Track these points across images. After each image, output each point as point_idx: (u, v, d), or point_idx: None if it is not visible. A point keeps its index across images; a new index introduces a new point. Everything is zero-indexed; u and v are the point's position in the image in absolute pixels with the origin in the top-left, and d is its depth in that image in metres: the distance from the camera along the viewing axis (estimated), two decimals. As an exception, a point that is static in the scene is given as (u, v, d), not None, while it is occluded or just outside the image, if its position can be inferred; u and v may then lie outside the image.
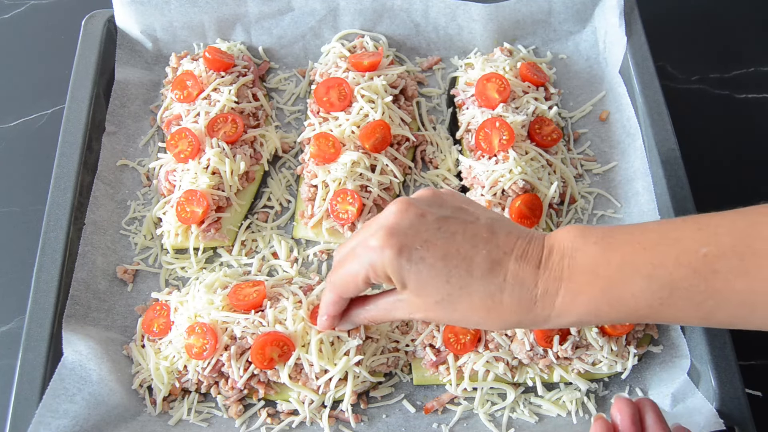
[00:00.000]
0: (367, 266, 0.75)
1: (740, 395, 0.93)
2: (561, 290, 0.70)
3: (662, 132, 1.15)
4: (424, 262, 0.72)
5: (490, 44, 1.32)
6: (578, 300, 0.70)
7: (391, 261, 0.72)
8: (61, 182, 1.11)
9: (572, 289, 0.70)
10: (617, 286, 0.68)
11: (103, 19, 1.28)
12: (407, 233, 0.73)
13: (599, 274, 0.69)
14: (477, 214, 0.77)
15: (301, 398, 0.98)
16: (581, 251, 0.71)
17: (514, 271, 0.72)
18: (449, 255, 0.72)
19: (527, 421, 0.99)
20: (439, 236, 0.73)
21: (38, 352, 0.97)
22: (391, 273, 0.74)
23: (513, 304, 0.72)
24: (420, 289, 0.74)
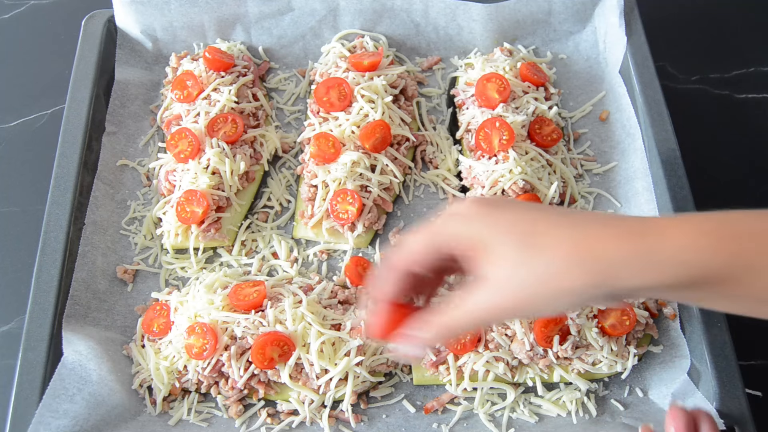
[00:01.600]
0: (455, 222, 0.64)
1: (740, 395, 0.93)
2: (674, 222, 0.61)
3: (662, 132, 1.15)
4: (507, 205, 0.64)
5: (490, 44, 1.32)
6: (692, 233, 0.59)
7: (477, 210, 0.64)
8: (61, 182, 1.11)
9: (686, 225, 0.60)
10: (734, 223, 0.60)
11: (103, 19, 1.28)
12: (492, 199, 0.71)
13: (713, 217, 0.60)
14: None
15: (301, 398, 0.98)
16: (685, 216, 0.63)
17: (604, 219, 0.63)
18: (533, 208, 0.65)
19: (527, 421, 0.99)
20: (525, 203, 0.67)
21: (38, 352, 0.97)
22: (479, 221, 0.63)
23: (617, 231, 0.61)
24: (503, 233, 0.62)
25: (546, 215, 0.64)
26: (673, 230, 0.60)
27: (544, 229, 0.62)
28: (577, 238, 0.61)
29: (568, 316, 0.97)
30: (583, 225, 0.62)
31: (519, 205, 0.66)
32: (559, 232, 0.61)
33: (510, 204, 0.65)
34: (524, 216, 0.63)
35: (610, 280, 0.60)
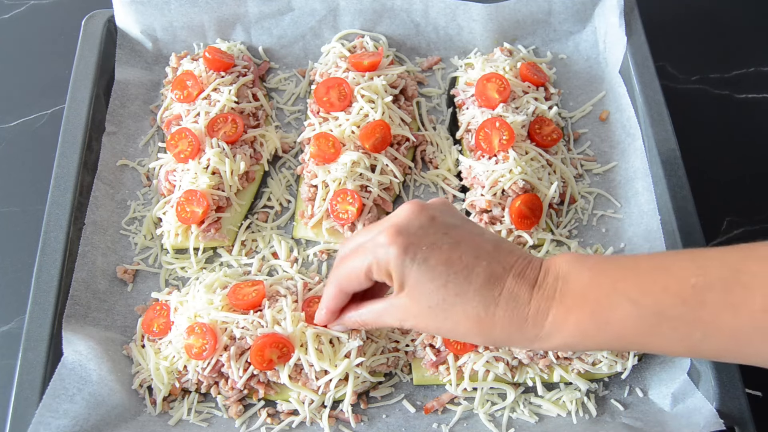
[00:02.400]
0: (371, 260, 0.77)
1: (740, 395, 0.93)
2: (552, 310, 0.72)
3: (662, 132, 1.15)
4: (426, 263, 0.74)
5: (490, 44, 1.32)
6: (567, 321, 0.71)
7: (395, 258, 0.74)
8: (61, 182, 1.11)
9: (562, 311, 0.71)
10: (605, 310, 0.69)
11: (103, 19, 1.28)
12: (416, 233, 0.76)
13: (589, 298, 0.70)
14: (484, 230, 0.80)
15: (301, 398, 0.98)
16: (574, 275, 0.73)
17: (510, 287, 0.73)
18: (451, 260, 0.74)
19: (527, 421, 0.99)
20: (445, 241, 0.75)
21: (38, 352, 0.97)
22: (393, 269, 0.75)
23: (505, 318, 0.73)
24: (417, 290, 0.75)
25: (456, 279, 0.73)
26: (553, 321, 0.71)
27: (454, 302, 0.74)
28: (481, 319, 0.73)
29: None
30: (489, 304, 0.73)
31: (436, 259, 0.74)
32: (467, 309, 0.73)
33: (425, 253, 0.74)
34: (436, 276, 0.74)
35: (503, 345, 0.79)
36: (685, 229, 1.05)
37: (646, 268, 0.69)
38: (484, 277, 0.73)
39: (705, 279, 0.65)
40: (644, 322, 0.67)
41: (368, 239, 0.79)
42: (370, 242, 0.78)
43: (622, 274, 0.70)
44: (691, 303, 0.65)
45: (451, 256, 0.74)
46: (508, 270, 0.74)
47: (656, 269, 0.69)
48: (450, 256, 0.74)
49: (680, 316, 0.65)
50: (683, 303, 0.65)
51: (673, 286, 0.66)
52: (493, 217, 1.12)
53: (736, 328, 0.64)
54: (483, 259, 0.74)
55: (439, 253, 0.74)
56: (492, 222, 1.11)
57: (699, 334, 0.65)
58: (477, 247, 0.76)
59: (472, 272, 0.73)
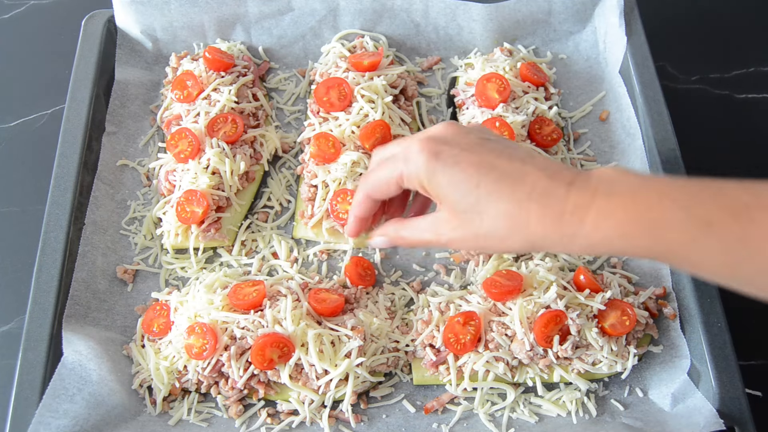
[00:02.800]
0: (401, 168, 0.77)
1: (740, 395, 0.93)
2: (594, 206, 0.69)
3: (662, 132, 1.15)
4: (457, 165, 0.74)
5: (490, 44, 1.32)
6: (612, 218, 0.68)
7: (426, 164, 0.75)
8: (61, 182, 1.11)
9: (607, 207, 0.68)
10: (654, 211, 0.66)
11: (103, 19, 1.28)
12: (448, 142, 0.76)
13: (638, 198, 0.67)
14: (520, 144, 0.79)
15: (301, 398, 0.98)
16: (621, 178, 0.70)
17: (544, 185, 0.71)
18: (482, 163, 0.74)
19: (527, 421, 0.99)
20: (477, 148, 0.75)
21: (38, 352, 0.97)
22: (425, 176, 0.75)
23: (540, 212, 0.70)
24: (450, 195, 0.75)
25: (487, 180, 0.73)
26: (596, 217, 0.68)
27: (487, 200, 0.73)
28: (514, 215, 0.72)
29: (568, 316, 0.97)
30: (522, 199, 0.72)
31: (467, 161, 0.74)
32: (500, 206, 0.72)
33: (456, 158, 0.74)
34: (467, 178, 0.73)
35: (540, 248, 0.74)
36: (685, 229, 1.05)
37: (698, 183, 0.67)
38: (517, 176, 0.72)
39: (758, 201, 0.63)
40: (692, 229, 0.65)
41: (401, 149, 0.79)
42: (401, 151, 0.78)
43: (672, 184, 0.68)
44: (742, 219, 0.63)
45: (482, 159, 0.74)
46: (541, 170, 0.73)
47: (709, 186, 0.66)
48: (481, 159, 0.74)
49: (729, 229, 0.64)
50: (734, 217, 0.63)
51: (725, 201, 0.65)
52: (493, 217, 1.11)
53: None
54: (515, 161, 0.74)
55: (470, 156, 0.74)
56: (492, 222, 1.11)
57: (744, 251, 0.63)
58: (510, 154, 0.75)
59: (504, 172, 0.73)
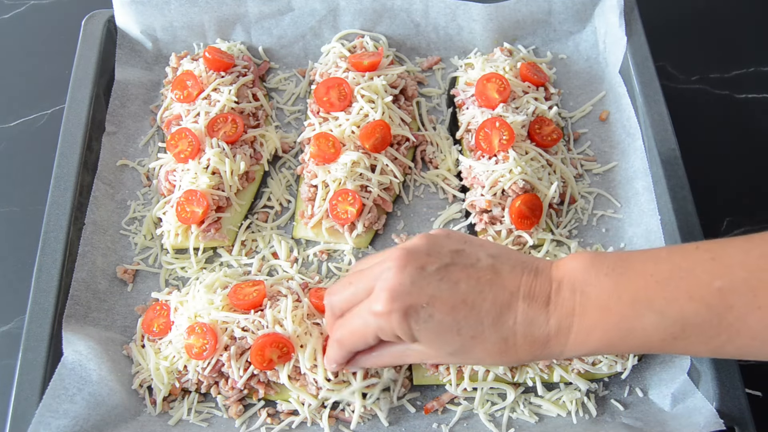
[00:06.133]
0: (375, 328, 0.75)
1: (740, 395, 0.93)
2: (574, 326, 0.70)
3: (662, 132, 1.15)
4: (432, 319, 0.72)
5: (490, 44, 1.32)
6: (592, 335, 0.70)
7: (400, 324, 0.73)
8: (61, 182, 1.11)
9: (585, 325, 0.70)
10: (630, 321, 0.68)
11: (103, 19, 1.28)
12: (411, 292, 0.72)
13: (612, 310, 0.69)
14: (477, 254, 0.75)
15: (301, 399, 0.98)
16: (593, 285, 0.70)
17: (524, 313, 0.71)
18: (456, 307, 0.71)
19: (527, 421, 0.99)
20: (443, 288, 0.72)
21: (38, 352, 0.97)
22: (401, 335, 0.74)
23: (527, 344, 0.72)
24: (432, 344, 0.74)
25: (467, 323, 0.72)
26: (577, 337, 0.70)
27: (472, 344, 0.73)
28: (501, 351, 0.73)
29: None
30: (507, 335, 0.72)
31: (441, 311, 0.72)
32: (482, 347, 0.73)
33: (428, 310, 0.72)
34: (447, 328, 0.72)
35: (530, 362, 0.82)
36: (685, 229, 1.05)
37: (667, 273, 0.68)
38: (494, 311, 0.71)
39: (730, 281, 0.64)
40: (670, 330, 0.67)
41: (362, 301, 0.77)
42: (365, 308, 0.76)
43: (643, 281, 0.68)
44: (716, 308, 0.64)
45: (454, 302, 0.71)
46: (516, 293, 0.72)
47: (678, 273, 0.67)
48: (453, 303, 0.71)
49: (706, 322, 0.65)
50: (708, 308, 0.64)
51: (697, 291, 0.65)
52: (493, 217, 1.12)
53: (761, 329, 0.64)
54: (487, 292, 0.72)
55: (441, 303, 0.72)
56: (492, 222, 1.12)
57: (724, 336, 0.65)
58: (477, 280, 0.73)
59: (480, 311, 0.71)
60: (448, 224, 1.17)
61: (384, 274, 0.74)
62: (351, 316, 0.79)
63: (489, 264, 0.74)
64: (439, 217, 1.18)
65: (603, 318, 0.69)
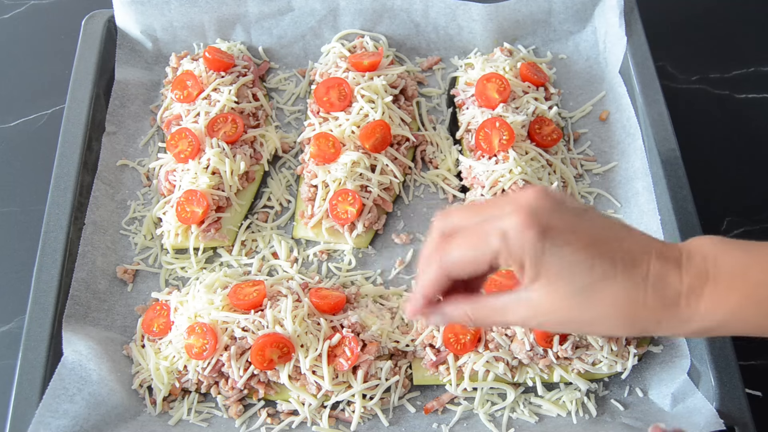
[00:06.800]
0: (498, 246, 0.66)
1: (740, 395, 0.93)
2: (707, 289, 0.67)
3: (662, 132, 1.15)
4: (569, 246, 0.66)
5: (490, 44, 1.32)
6: (727, 300, 0.67)
7: (534, 243, 0.65)
8: (61, 182, 1.11)
9: (720, 289, 0.67)
10: (764, 290, 0.66)
11: (103, 19, 1.28)
12: (552, 215, 0.67)
13: (745, 278, 0.67)
14: (606, 214, 0.74)
15: (301, 399, 0.98)
16: (723, 256, 0.69)
17: (657, 268, 0.68)
18: (593, 243, 0.67)
19: (527, 421, 0.99)
20: (582, 222, 0.68)
21: (38, 352, 0.97)
22: (530, 256, 0.66)
23: (656, 300, 0.67)
24: (560, 278, 0.67)
25: (602, 262, 0.67)
26: (711, 301, 0.67)
27: (603, 284, 0.67)
28: (630, 301, 0.67)
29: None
30: (638, 283, 0.67)
31: (578, 241, 0.67)
32: (612, 291, 0.67)
33: (566, 237, 0.67)
34: (580, 260, 0.67)
35: (648, 333, 0.71)
36: (685, 229, 1.05)
37: None
38: (628, 258, 0.67)
39: None
40: None
41: (484, 220, 0.68)
42: (493, 223, 0.67)
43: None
44: None
45: (592, 237, 0.67)
46: (649, 250, 0.69)
47: None
48: (591, 238, 0.67)
49: None
50: None
51: None
52: (493, 217, 1.11)
53: None
54: (623, 240, 0.69)
55: (580, 235, 0.67)
56: (492, 222, 1.11)
57: None
58: (611, 228, 0.70)
59: (615, 254, 0.67)
60: (448, 224, 1.17)
61: (520, 199, 0.68)
62: (469, 232, 0.69)
63: (621, 222, 0.73)
64: (439, 217, 1.18)
65: (739, 284, 0.66)
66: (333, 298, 1.03)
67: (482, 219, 0.69)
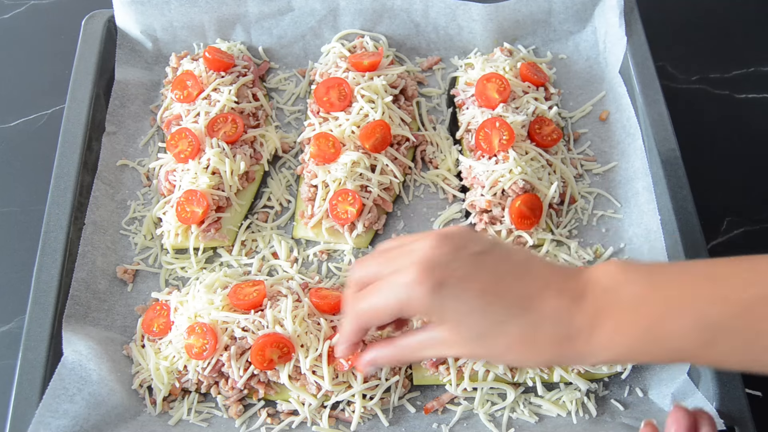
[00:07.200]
0: (399, 300, 0.72)
1: (740, 395, 0.93)
2: (601, 327, 0.68)
3: (662, 132, 1.15)
4: (460, 297, 0.70)
5: (490, 44, 1.32)
6: (620, 337, 0.67)
7: (427, 296, 0.70)
8: (61, 182, 1.11)
9: (613, 326, 0.68)
10: (662, 325, 0.66)
11: (103, 19, 1.28)
12: (445, 267, 0.70)
13: (643, 312, 0.67)
14: (511, 249, 0.76)
15: (301, 399, 0.98)
16: (624, 287, 0.69)
17: (553, 305, 0.70)
18: (486, 290, 0.70)
19: (527, 421, 0.99)
20: (477, 271, 0.71)
21: (38, 352, 0.97)
22: (427, 309, 0.71)
23: (549, 340, 0.70)
24: (458, 324, 0.71)
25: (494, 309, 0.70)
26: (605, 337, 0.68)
27: (494, 330, 0.70)
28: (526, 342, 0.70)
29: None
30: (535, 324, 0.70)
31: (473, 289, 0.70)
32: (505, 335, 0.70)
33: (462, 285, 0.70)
34: (475, 308, 0.70)
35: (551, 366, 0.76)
36: (685, 229, 1.05)
37: (702, 278, 0.66)
38: (521, 301, 0.70)
39: (765, 289, 0.63)
40: (703, 335, 0.64)
41: (390, 272, 0.73)
42: (394, 278, 0.72)
43: (677, 286, 0.67)
44: (754, 314, 0.63)
45: (484, 285, 0.70)
46: (545, 288, 0.71)
47: (712, 278, 0.66)
48: (485, 285, 0.70)
49: (740, 328, 0.63)
50: (743, 313, 0.63)
51: (733, 296, 0.64)
52: (493, 217, 1.12)
53: None
54: (518, 280, 0.71)
55: (472, 284, 0.70)
56: (492, 222, 1.12)
57: (759, 346, 0.63)
58: (509, 269, 0.72)
59: (508, 298, 0.70)
60: (448, 224, 1.17)
61: (418, 251, 0.72)
62: (375, 287, 0.75)
63: (523, 258, 0.74)
64: (439, 217, 1.18)
65: (633, 320, 0.67)
66: (333, 298, 1.03)
67: (389, 270, 0.73)
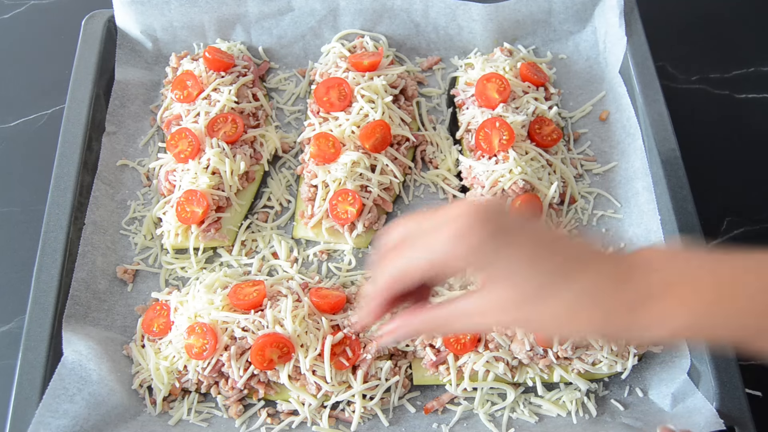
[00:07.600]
0: (447, 249, 0.63)
1: (740, 395, 0.93)
2: (658, 299, 0.64)
3: (662, 132, 1.15)
4: (521, 247, 0.64)
5: (490, 44, 1.32)
6: (677, 311, 0.64)
7: (484, 242, 0.63)
8: (61, 182, 1.11)
9: (671, 299, 0.64)
10: (720, 302, 0.63)
11: (103, 19, 1.28)
12: (497, 219, 0.64)
13: (701, 288, 0.64)
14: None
15: (301, 399, 0.98)
16: (677, 264, 0.66)
17: (605, 273, 0.65)
18: (541, 245, 0.65)
19: (527, 421, 0.99)
20: (528, 228, 0.66)
21: (38, 352, 0.97)
22: (480, 257, 0.63)
23: (602, 308, 0.65)
24: (512, 279, 0.64)
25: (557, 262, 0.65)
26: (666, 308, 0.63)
27: (553, 286, 0.64)
28: (584, 302, 0.64)
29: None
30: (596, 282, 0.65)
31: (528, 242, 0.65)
32: (570, 291, 0.64)
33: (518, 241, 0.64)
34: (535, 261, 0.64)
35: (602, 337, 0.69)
36: (685, 229, 1.05)
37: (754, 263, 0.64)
38: (575, 263, 0.65)
39: None
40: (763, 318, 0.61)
41: (438, 224, 0.65)
42: (443, 227, 0.65)
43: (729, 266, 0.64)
44: None
45: (537, 241, 0.65)
46: (597, 257, 0.66)
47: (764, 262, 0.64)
48: (536, 242, 0.65)
49: None
50: None
51: None
52: (493, 217, 1.11)
53: None
54: (569, 244, 0.66)
55: (526, 237, 0.65)
56: (492, 222, 1.11)
57: None
58: (557, 235, 0.68)
59: (560, 257, 0.65)
60: (448, 224, 1.17)
61: (467, 203, 0.65)
62: (419, 237, 0.66)
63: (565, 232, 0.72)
64: (439, 217, 1.17)
65: (692, 293, 0.63)
66: (333, 297, 1.03)
67: (432, 225, 0.66)
